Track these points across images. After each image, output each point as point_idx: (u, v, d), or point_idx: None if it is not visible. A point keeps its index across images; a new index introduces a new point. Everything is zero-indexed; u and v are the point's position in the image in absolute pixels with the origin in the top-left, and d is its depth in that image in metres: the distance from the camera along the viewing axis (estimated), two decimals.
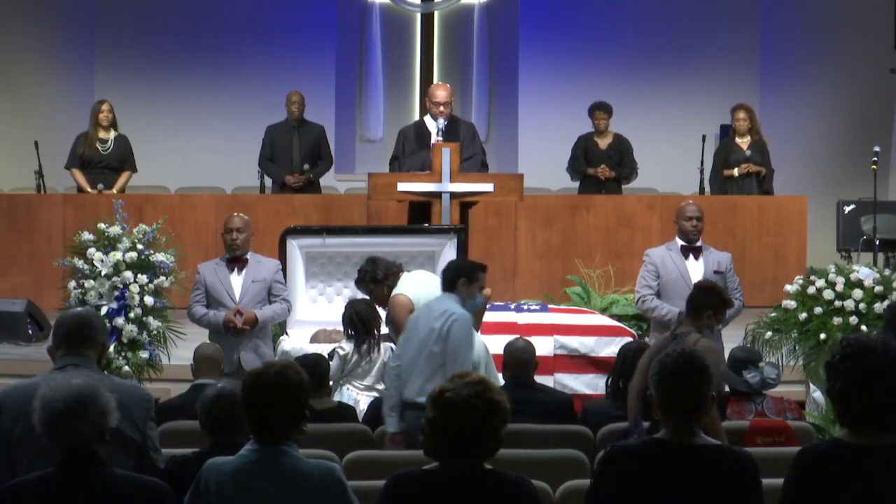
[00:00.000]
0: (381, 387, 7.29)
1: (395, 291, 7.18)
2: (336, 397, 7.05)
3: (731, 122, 11.46)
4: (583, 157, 11.44)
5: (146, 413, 4.29)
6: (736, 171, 11.27)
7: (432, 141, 9.31)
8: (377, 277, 7.30)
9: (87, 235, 7.77)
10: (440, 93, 9.45)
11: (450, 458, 3.65)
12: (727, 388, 6.62)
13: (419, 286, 7.22)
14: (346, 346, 7.36)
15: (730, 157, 11.36)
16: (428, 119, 9.58)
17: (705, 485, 3.67)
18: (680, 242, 8.04)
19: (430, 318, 6.36)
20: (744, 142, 11.34)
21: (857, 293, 7.61)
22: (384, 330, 7.50)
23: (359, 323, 7.36)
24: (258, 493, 3.80)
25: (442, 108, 9.35)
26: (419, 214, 9.05)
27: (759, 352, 7.11)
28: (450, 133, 9.37)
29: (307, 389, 3.95)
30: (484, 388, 3.65)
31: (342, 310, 7.56)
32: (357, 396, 7.22)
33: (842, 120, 13.80)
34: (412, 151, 9.42)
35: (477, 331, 7.21)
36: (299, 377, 3.92)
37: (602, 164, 11.34)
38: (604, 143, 11.46)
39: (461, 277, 6.48)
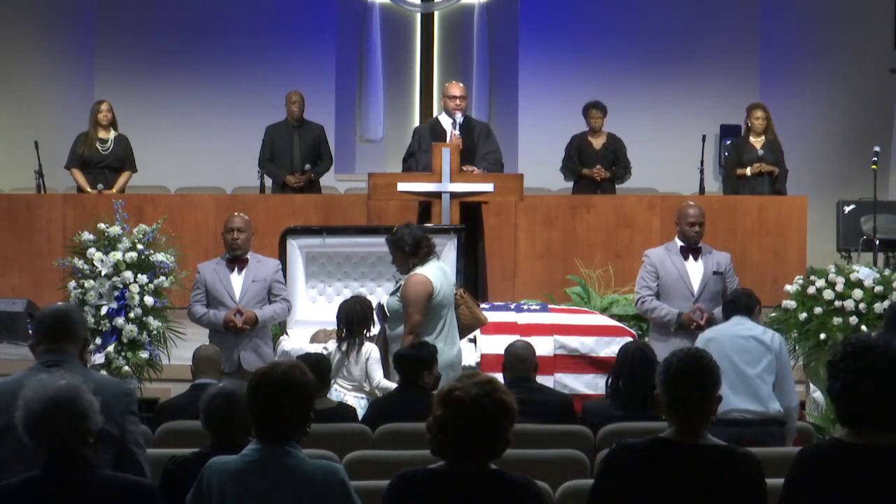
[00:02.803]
0: (367, 386, 7.27)
1: (419, 271, 7.15)
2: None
3: (746, 120, 11.42)
4: (577, 157, 11.42)
5: (125, 407, 4.22)
6: (748, 171, 11.26)
7: (447, 136, 9.34)
8: (405, 249, 7.20)
9: (87, 235, 7.77)
10: (455, 88, 9.61)
11: (456, 458, 3.64)
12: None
13: (443, 277, 7.19)
14: (330, 346, 7.37)
15: (743, 156, 11.34)
16: (443, 117, 9.63)
17: (709, 485, 3.67)
18: (679, 243, 8.03)
19: (739, 333, 6.55)
20: (758, 141, 11.32)
21: (857, 293, 7.61)
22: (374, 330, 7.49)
23: (345, 323, 7.35)
24: (260, 494, 3.79)
25: (458, 102, 9.47)
26: (430, 215, 9.02)
27: None
28: (465, 130, 9.40)
29: (312, 391, 3.93)
30: (492, 388, 3.65)
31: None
32: (345, 397, 7.20)
33: (842, 120, 13.80)
34: (427, 148, 9.40)
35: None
36: (305, 378, 3.90)
37: (597, 165, 11.32)
38: (598, 142, 11.44)
39: (758, 305, 6.83)
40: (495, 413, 3.61)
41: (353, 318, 7.34)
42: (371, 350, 7.30)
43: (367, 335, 7.38)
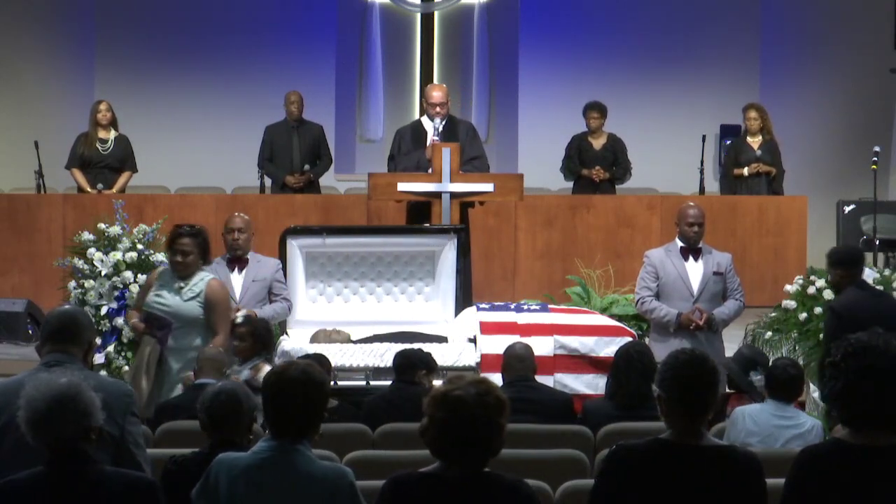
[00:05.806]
0: None
1: (210, 274, 7.18)
2: None
3: (743, 121, 11.46)
4: (577, 158, 11.42)
5: (126, 407, 4.26)
6: (745, 171, 11.26)
7: (428, 141, 9.30)
8: (205, 248, 7.15)
9: (87, 235, 7.78)
10: (435, 93, 9.41)
11: (456, 458, 3.63)
12: (726, 388, 6.62)
13: None
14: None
15: (740, 156, 11.35)
16: (425, 119, 9.55)
17: (709, 485, 3.66)
18: (679, 243, 8.03)
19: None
20: (755, 141, 11.33)
21: None
22: None
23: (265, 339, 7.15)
24: (269, 491, 3.79)
25: (438, 109, 9.31)
26: (418, 214, 9.04)
27: (764, 352, 7.10)
28: (447, 133, 9.34)
29: (327, 390, 3.95)
30: (488, 388, 3.65)
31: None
32: None
33: (842, 120, 13.80)
34: (408, 151, 9.39)
35: None
36: (322, 377, 3.92)
37: (597, 166, 11.32)
38: (598, 143, 11.43)
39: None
40: (495, 411, 3.61)
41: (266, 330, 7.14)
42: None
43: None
